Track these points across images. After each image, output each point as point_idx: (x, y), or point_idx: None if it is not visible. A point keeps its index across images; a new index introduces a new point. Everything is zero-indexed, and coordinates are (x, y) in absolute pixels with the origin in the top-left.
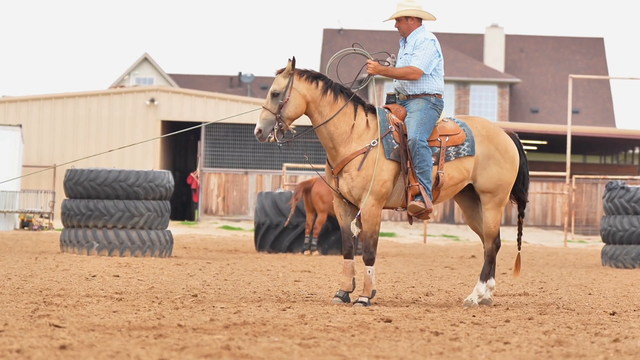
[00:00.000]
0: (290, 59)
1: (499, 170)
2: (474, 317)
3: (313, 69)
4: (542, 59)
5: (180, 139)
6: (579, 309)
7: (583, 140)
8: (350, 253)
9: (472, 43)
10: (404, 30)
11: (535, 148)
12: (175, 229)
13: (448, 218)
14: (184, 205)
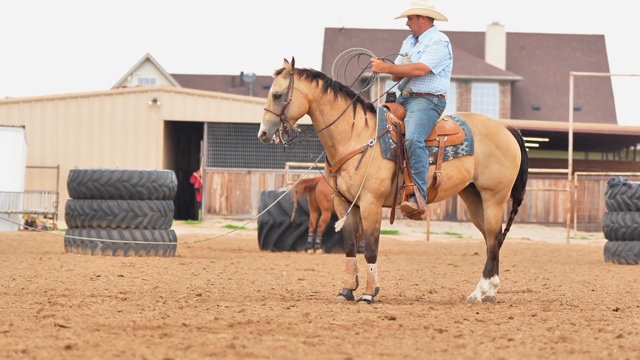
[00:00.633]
0: (288, 59)
1: (500, 168)
2: (478, 314)
3: (312, 68)
4: (543, 57)
5: (183, 139)
6: (583, 306)
7: (585, 137)
8: (352, 251)
9: (473, 41)
10: (415, 29)
11: (537, 145)
12: (179, 229)
13: (451, 215)
14: (188, 205)
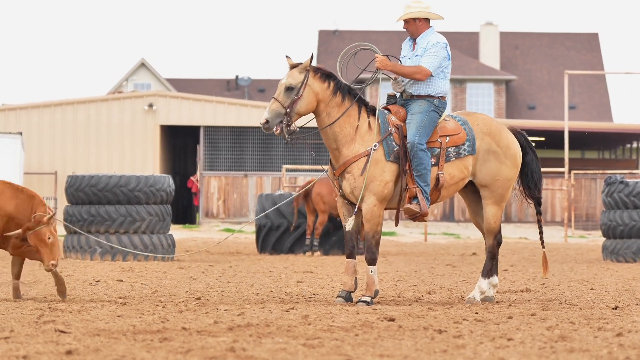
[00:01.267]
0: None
1: (498, 166)
2: (477, 314)
3: (324, 67)
4: (537, 56)
5: (179, 143)
6: (582, 304)
7: (581, 136)
8: (352, 253)
9: (467, 41)
10: (413, 32)
11: (533, 144)
12: (177, 233)
13: (448, 216)
14: (185, 209)
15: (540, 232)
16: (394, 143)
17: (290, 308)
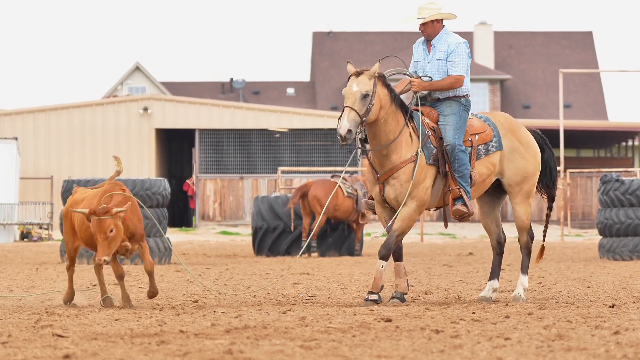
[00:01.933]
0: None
1: (524, 162)
2: (474, 314)
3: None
4: (531, 55)
5: (175, 147)
6: (579, 303)
7: (576, 134)
8: (400, 255)
9: None
10: (430, 33)
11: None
12: (174, 236)
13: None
14: (182, 212)
15: (546, 227)
16: (432, 146)
17: (287, 310)
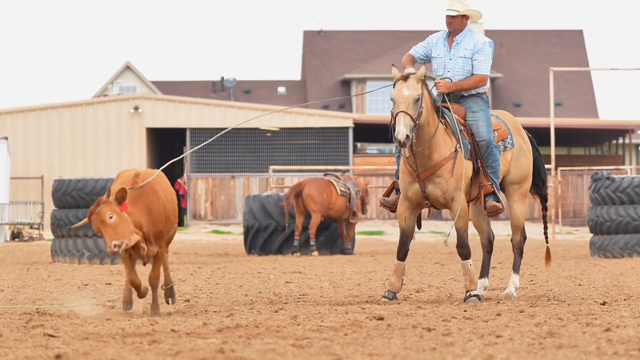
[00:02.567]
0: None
1: (527, 162)
2: (466, 312)
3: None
4: (522, 53)
5: (165, 146)
6: (570, 300)
7: (567, 132)
8: (406, 255)
9: None
10: (457, 27)
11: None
12: None
13: (436, 214)
14: None
15: (545, 227)
16: (466, 141)
17: (279, 309)
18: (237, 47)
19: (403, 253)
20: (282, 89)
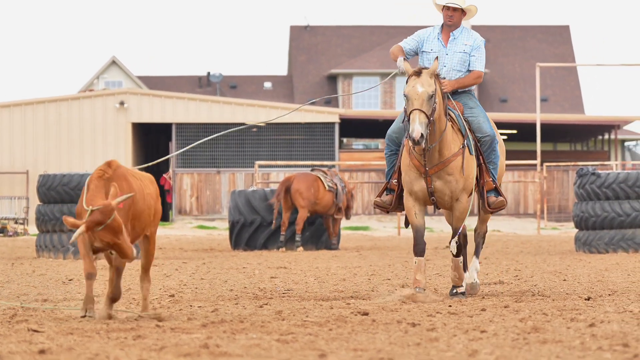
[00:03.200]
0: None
1: (503, 158)
2: (450, 307)
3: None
4: (508, 49)
5: (152, 141)
6: (554, 295)
7: (553, 128)
8: (424, 251)
9: None
10: (455, 22)
11: (506, 137)
12: None
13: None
14: None
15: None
16: (470, 137)
17: (264, 304)
18: (223, 42)
19: (420, 249)
20: (268, 84)
